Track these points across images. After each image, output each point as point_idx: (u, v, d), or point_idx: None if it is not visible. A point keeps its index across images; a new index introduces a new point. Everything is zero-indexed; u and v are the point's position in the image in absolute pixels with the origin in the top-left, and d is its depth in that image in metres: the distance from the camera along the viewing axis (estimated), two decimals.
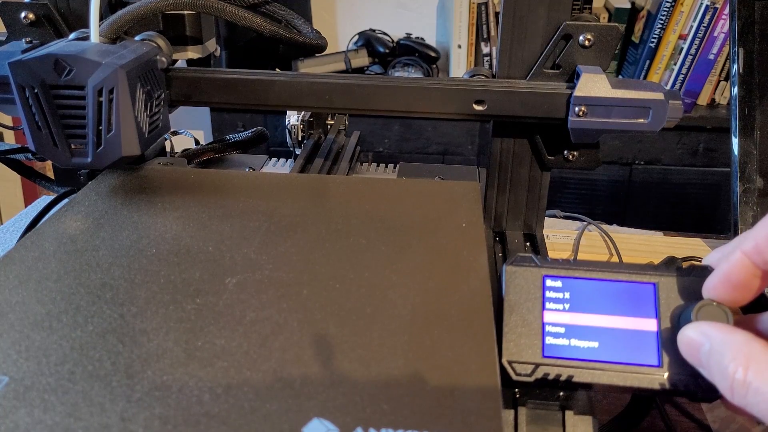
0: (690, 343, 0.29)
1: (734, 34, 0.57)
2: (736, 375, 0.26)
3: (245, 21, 0.49)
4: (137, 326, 0.29)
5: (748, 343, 0.26)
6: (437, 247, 0.36)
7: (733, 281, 0.29)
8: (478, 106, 0.45)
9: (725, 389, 0.26)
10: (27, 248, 0.35)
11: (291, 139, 0.60)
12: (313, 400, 0.25)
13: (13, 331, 0.28)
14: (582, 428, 0.32)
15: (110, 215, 0.38)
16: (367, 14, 1.79)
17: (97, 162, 0.42)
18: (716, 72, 1.53)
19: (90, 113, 0.40)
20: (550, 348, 0.31)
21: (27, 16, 0.47)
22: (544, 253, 0.49)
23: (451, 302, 0.31)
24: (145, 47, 0.44)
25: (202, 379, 0.26)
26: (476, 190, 0.42)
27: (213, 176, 0.44)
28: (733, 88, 0.57)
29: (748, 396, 0.25)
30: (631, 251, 0.61)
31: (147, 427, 0.24)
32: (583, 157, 0.47)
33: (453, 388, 0.26)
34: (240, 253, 0.34)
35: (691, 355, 0.29)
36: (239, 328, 0.29)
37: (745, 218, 0.56)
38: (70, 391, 0.25)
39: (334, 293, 0.32)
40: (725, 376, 0.26)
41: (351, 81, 0.45)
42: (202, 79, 0.47)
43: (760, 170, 0.56)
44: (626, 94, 0.42)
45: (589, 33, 0.44)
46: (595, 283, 0.32)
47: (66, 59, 0.39)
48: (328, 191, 0.43)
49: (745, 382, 0.25)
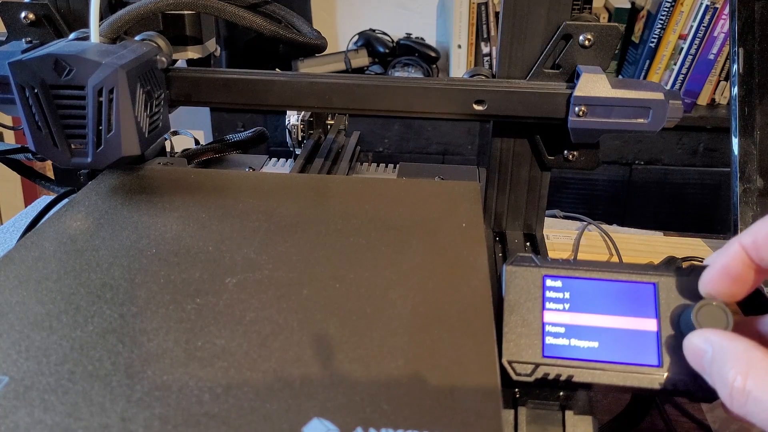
0: (695, 351, 0.28)
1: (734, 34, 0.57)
2: (735, 383, 0.25)
3: (245, 21, 0.49)
4: (137, 326, 0.29)
5: (748, 351, 0.26)
6: (437, 247, 0.36)
7: (731, 274, 0.29)
8: (478, 106, 0.45)
9: (725, 396, 0.26)
10: (27, 248, 0.35)
11: (291, 139, 0.60)
12: (313, 400, 0.25)
13: (13, 331, 0.28)
14: (582, 428, 0.32)
15: (110, 215, 0.38)
16: (367, 14, 1.79)
17: (97, 162, 0.42)
18: (716, 72, 1.53)
19: (90, 113, 0.40)
20: (550, 348, 0.31)
21: (27, 16, 0.47)
22: (544, 253, 0.49)
23: (451, 302, 0.31)
24: (145, 47, 0.44)
25: (202, 379, 0.26)
26: (476, 190, 0.42)
27: (213, 176, 0.44)
28: (733, 88, 0.57)
29: (747, 405, 0.25)
30: (631, 251, 0.61)
31: (147, 427, 0.24)
32: (583, 157, 0.47)
33: (453, 388, 0.26)
34: (240, 253, 0.34)
35: (695, 361, 0.29)
36: (239, 328, 0.29)
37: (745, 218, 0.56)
38: (70, 391, 0.25)
39: (334, 293, 0.32)
40: (725, 384, 0.26)
41: (351, 81, 0.45)
42: (202, 79, 0.47)
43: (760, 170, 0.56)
44: (626, 94, 0.42)
45: (589, 33, 0.44)
46: (595, 283, 0.32)
47: (66, 59, 0.39)
48: (328, 191, 0.43)
49: (744, 390, 0.25)
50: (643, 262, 0.34)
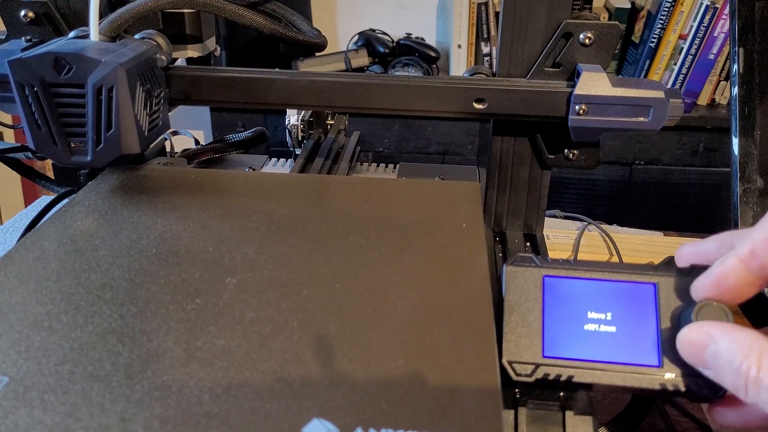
0: (692, 344, 0.28)
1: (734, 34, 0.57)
2: (750, 373, 0.26)
3: (245, 19, 0.48)
4: (137, 326, 0.29)
5: (757, 341, 0.26)
6: (437, 247, 0.36)
7: (723, 285, 0.29)
8: (479, 105, 0.45)
9: (738, 388, 0.26)
10: (27, 248, 0.35)
11: (291, 139, 0.60)
12: (313, 400, 0.25)
13: (13, 331, 0.28)
14: (582, 428, 0.32)
15: (110, 215, 0.38)
16: (367, 14, 1.79)
17: (96, 160, 0.42)
18: (716, 72, 1.53)
19: (90, 111, 0.40)
20: (550, 348, 0.31)
21: (27, 15, 0.47)
22: (544, 253, 0.48)
23: (451, 302, 0.31)
24: (145, 45, 0.44)
25: (202, 380, 0.26)
26: (476, 190, 0.42)
27: (213, 176, 0.44)
28: (733, 88, 0.57)
29: (760, 393, 0.26)
30: (631, 251, 0.61)
31: (147, 427, 0.24)
32: (584, 156, 0.47)
33: (453, 388, 0.26)
34: (240, 253, 0.34)
35: (694, 355, 0.28)
36: (239, 328, 0.29)
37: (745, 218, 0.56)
38: (70, 391, 0.25)
39: (334, 293, 0.31)
40: (739, 375, 0.26)
41: (351, 79, 0.45)
42: (201, 78, 0.46)
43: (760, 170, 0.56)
44: (627, 92, 0.42)
45: (590, 31, 0.44)
46: (595, 283, 0.32)
47: (66, 57, 0.39)
48: (328, 191, 0.43)
49: (758, 379, 0.25)
50: (643, 262, 0.34)
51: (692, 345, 0.28)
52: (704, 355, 0.28)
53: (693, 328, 0.29)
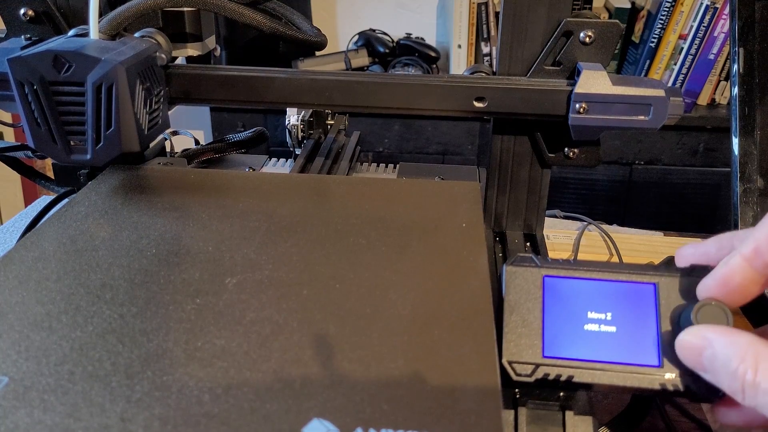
0: (690, 348, 0.28)
1: (734, 34, 0.57)
2: (746, 377, 0.26)
3: (245, 18, 0.48)
4: (137, 326, 0.29)
5: (754, 344, 0.26)
6: (437, 248, 0.35)
7: (730, 285, 0.29)
8: (479, 103, 0.45)
9: (735, 391, 0.26)
10: (27, 248, 0.34)
11: (291, 139, 0.60)
12: (313, 400, 0.25)
13: (13, 331, 0.28)
14: (582, 428, 0.32)
15: (110, 215, 0.38)
16: (367, 14, 1.79)
17: (96, 159, 0.42)
18: (716, 72, 1.53)
19: (89, 110, 0.40)
20: (550, 348, 0.31)
21: (26, 13, 0.47)
22: (544, 253, 0.48)
23: (451, 302, 0.31)
24: (145, 44, 0.44)
25: (202, 380, 0.26)
26: (476, 190, 0.42)
27: (213, 176, 0.44)
28: (733, 88, 0.57)
29: (757, 397, 0.25)
30: (631, 251, 0.61)
31: (147, 427, 0.24)
32: (584, 155, 0.47)
33: (453, 388, 0.26)
34: (240, 253, 0.34)
35: (692, 359, 0.28)
36: (239, 328, 0.29)
37: (745, 218, 0.56)
38: (69, 392, 0.25)
39: (334, 293, 0.31)
40: (735, 378, 0.26)
41: (351, 78, 0.45)
42: (201, 76, 0.46)
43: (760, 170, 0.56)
44: (627, 90, 0.42)
45: (590, 30, 0.44)
46: (595, 283, 0.32)
47: (65, 55, 0.39)
48: (328, 191, 0.43)
49: (754, 383, 0.25)
50: (643, 262, 0.34)
51: (690, 349, 0.28)
52: (702, 359, 0.28)
53: (690, 331, 0.29)
